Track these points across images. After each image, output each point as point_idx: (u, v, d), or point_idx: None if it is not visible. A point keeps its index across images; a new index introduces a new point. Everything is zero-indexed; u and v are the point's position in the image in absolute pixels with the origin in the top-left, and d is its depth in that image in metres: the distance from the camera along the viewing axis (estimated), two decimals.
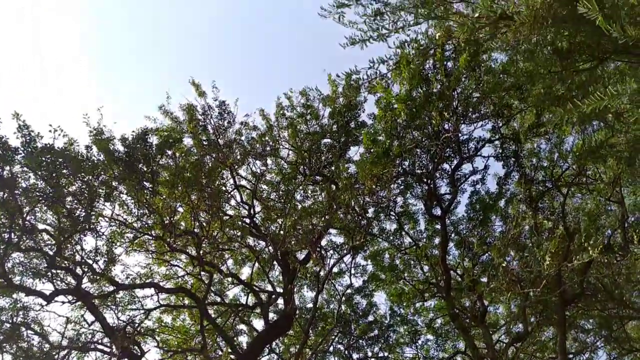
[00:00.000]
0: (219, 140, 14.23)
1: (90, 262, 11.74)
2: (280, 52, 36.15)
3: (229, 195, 15.14)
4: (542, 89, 9.78)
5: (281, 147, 15.56)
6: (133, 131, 10.85)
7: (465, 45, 9.28)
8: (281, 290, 15.19)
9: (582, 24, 6.98)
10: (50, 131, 10.01)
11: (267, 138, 15.14)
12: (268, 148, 15.20)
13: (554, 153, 12.74)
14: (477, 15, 7.30)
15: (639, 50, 6.92)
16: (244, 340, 17.09)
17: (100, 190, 10.84)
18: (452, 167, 13.02)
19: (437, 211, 13.88)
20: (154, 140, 11.16)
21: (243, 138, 14.76)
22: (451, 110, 11.25)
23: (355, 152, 15.01)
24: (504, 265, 11.26)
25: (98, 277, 12.13)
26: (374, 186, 11.77)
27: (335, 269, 16.34)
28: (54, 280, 11.58)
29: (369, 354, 16.94)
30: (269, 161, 15.67)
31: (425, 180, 13.11)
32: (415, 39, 9.32)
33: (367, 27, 8.60)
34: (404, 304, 16.97)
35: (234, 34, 35.06)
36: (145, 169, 11.09)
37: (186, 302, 15.57)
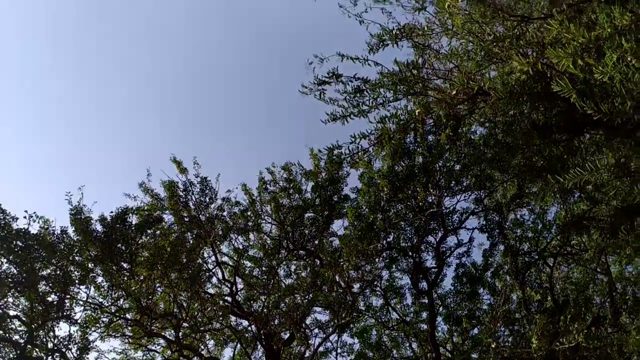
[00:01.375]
0: (200, 216, 14.04)
1: (63, 349, 11.09)
2: (263, 126, 36.71)
3: (211, 273, 14.74)
4: (522, 160, 9.90)
5: (264, 221, 15.40)
6: (111, 212, 10.69)
7: (445, 120, 9.43)
8: None
9: (556, 99, 7.16)
10: (25, 217, 9.83)
11: (249, 213, 14.99)
12: (250, 223, 15.01)
13: (537, 224, 12.77)
14: (454, 92, 7.44)
15: (613, 123, 7.05)
16: None
17: (76, 273, 10.46)
18: (437, 240, 12.94)
19: (424, 285, 13.63)
20: (133, 219, 10.96)
21: (225, 213, 14.60)
22: (434, 183, 11.29)
23: (339, 227, 14.89)
24: (493, 345, 10.91)
25: None
26: (359, 261, 11.56)
27: (320, 349, 15.72)
28: None
29: None
30: (251, 236, 15.42)
31: (410, 253, 12.95)
32: (395, 114, 9.46)
33: (348, 104, 8.71)
34: None
35: (217, 109, 35.67)
36: (123, 249, 10.79)
37: None
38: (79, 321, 11.35)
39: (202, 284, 13.49)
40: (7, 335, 10.55)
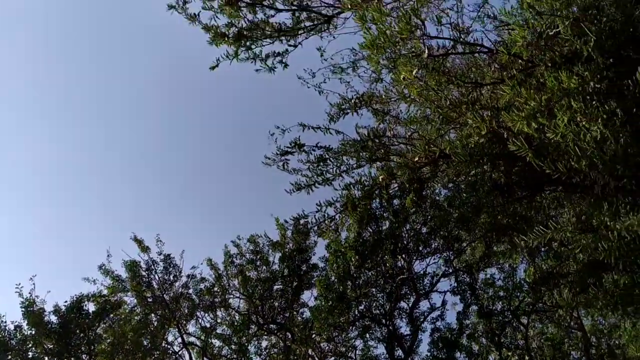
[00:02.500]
0: (164, 295, 13.50)
1: None
2: (228, 198, 36.37)
3: (177, 356, 14.01)
4: (488, 218, 9.96)
5: (231, 296, 14.95)
6: (65, 301, 10.19)
7: (408, 185, 9.47)
8: None
9: (515, 159, 7.30)
10: None
11: (216, 288, 14.54)
12: (218, 299, 14.52)
13: (508, 283, 12.74)
14: (416, 158, 7.50)
15: (571, 181, 7.18)
16: None
17: None
18: (410, 305, 12.69)
19: (400, 353, 13.22)
20: (90, 307, 10.44)
21: (191, 291, 14.12)
22: (402, 248, 11.21)
23: (309, 297, 14.50)
24: None
25: None
26: (330, 333, 11.16)
27: None
28: None
29: None
30: (219, 313, 14.87)
31: (383, 321, 12.62)
32: (360, 181, 9.45)
33: (312, 173, 8.67)
34: None
35: (179, 183, 35.27)
36: (81, 340, 10.15)
37: None
38: None
39: None
40: None
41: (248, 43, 7.59)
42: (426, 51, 4.92)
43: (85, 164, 32.70)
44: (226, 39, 7.14)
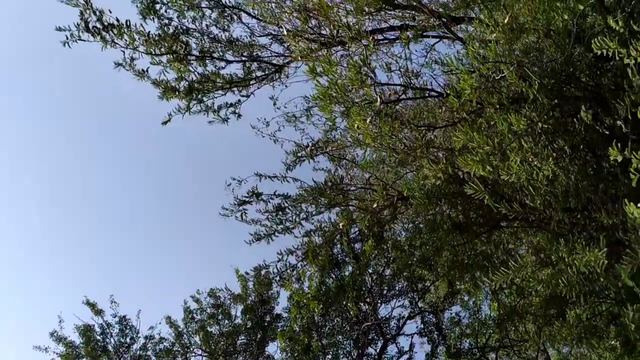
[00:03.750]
0: None
1: None
2: (186, 250, 35.34)
3: None
4: (450, 256, 10.00)
5: (193, 354, 14.32)
6: None
7: (367, 231, 9.45)
8: None
9: (472, 198, 7.39)
10: None
11: (176, 347, 13.93)
12: (178, 359, 13.89)
13: (474, 321, 12.71)
14: (374, 205, 7.49)
15: (527, 218, 7.29)
16: None
17: None
18: (378, 350, 12.42)
19: None
20: None
21: (149, 353, 13.46)
22: (366, 291, 11.09)
23: (275, 349, 14.07)
24: None
25: None
26: None
27: None
28: None
29: None
30: None
31: None
32: (320, 227, 9.36)
33: (271, 222, 8.54)
34: None
35: (129, 239, 34.10)
36: None
37: None
38: None
39: None
40: None
41: (200, 96, 7.51)
42: (378, 100, 4.94)
43: (35, 221, 31.31)
44: (177, 93, 7.05)
